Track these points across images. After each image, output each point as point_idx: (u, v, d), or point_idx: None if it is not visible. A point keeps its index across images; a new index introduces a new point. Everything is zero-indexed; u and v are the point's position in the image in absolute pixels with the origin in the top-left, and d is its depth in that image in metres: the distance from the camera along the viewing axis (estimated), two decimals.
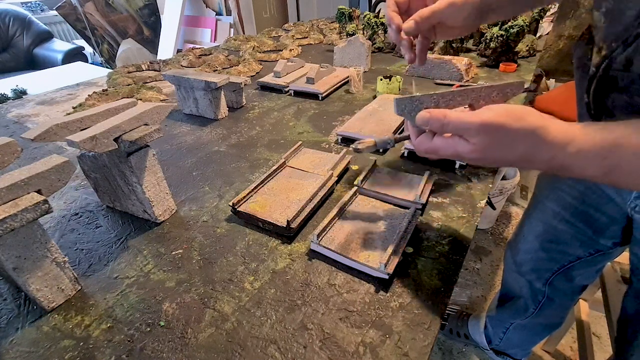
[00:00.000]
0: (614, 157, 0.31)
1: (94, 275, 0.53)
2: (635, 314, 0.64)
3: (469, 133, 0.35)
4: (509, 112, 0.33)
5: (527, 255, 0.85)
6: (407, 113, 0.39)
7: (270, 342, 0.42)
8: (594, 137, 0.32)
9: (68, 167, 0.45)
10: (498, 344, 1.12)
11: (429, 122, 0.37)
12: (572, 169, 0.33)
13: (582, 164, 0.33)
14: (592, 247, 0.72)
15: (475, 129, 0.34)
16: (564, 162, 0.33)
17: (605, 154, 0.31)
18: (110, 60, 3.54)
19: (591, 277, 0.82)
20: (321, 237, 0.54)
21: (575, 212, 0.71)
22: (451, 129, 0.36)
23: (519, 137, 0.33)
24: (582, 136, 0.32)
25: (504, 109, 0.34)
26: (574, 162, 0.33)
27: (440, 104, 0.38)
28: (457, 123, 0.35)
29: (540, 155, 0.34)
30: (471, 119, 0.34)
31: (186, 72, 1.02)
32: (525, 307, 0.92)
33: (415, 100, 0.38)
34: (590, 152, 0.32)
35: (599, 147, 0.31)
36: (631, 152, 0.30)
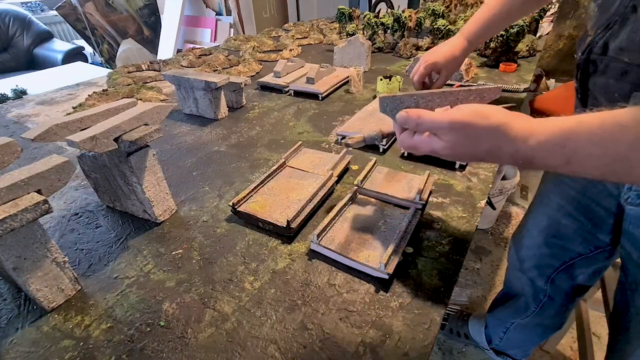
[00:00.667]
0: (570, 144, 0.32)
1: (94, 275, 0.53)
2: (623, 308, 0.65)
3: (440, 131, 0.38)
4: (475, 112, 0.36)
5: (530, 251, 0.85)
6: (390, 111, 0.42)
7: (270, 342, 0.42)
8: (551, 128, 0.34)
9: (68, 167, 0.45)
10: (498, 343, 1.12)
11: (406, 121, 0.40)
12: (534, 160, 0.35)
13: (543, 154, 0.34)
14: (592, 243, 0.73)
15: (446, 127, 0.37)
16: (526, 154, 0.35)
17: (563, 143, 0.33)
18: (110, 60, 3.54)
19: (591, 279, 0.82)
20: (321, 237, 0.54)
21: (578, 205, 0.72)
22: (424, 128, 0.39)
23: (484, 134, 0.36)
24: (540, 128, 0.34)
25: (470, 109, 0.37)
26: (536, 154, 0.34)
27: (420, 104, 0.41)
28: (429, 122, 0.38)
29: (505, 149, 0.36)
30: (441, 119, 0.37)
31: (186, 72, 1.02)
32: (526, 306, 0.92)
33: (397, 99, 0.41)
34: (549, 143, 0.33)
35: (557, 137, 0.33)
36: (585, 138, 0.32)
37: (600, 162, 0.32)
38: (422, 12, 1.54)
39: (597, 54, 0.47)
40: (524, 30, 1.25)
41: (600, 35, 0.47)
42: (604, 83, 0.48)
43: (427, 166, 0.74)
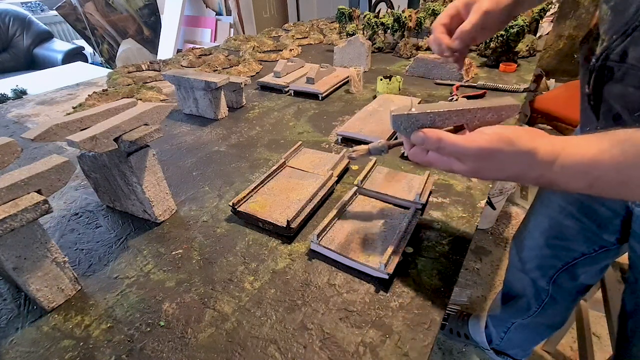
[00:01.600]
0: (594, 172, 0.33)
1: (94, 275, 0.53)
2: (634, 310, 0.65)
3: (464, 158, 0.36)
4: (501, 137, 0.35)
5: (532, 252, 0.85)
6: (403, 129, 0.40)
7: (270, 342, 0.42)
8: (575, 154, 0.34)
9: (68, 167, 0.45)
10: (499, 343, 1.12)
11: (425, 142, 0.38)
12: (557, 184, 0.35)
13: (567, 179, 0.35)
14: (597, 243, 0.72)
15: (472, 155, 0.36)
16: (550, 178, 0.35)
17: (587, 170, 0.33)
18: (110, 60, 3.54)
19: (595, 277, 0.82)
20: (321, 237, 0.54)
21: (580, 206, 0.71)
22: (447, 152, 0.37)
23: (511, 161, 0.35)
24: (565, 155, 0.34)
25: (495, 133, 0.35)
26: (559, 178, 0.35)
27: (436, 122, 0.39)
28: (452, 148, 0.36)
29: (530, 174, 0.36)
30: (466, 145, 0.36)
31: (186, 72, 1.02)
32: (528, 306, 0.92)
33: (412, 117, 0.39)
34: (573, 169, 0.34)
35: (580, 164, 0.33)
36: (608, 167, 0.32)
37: (623, 187, 0.33)
38: (422, 12, 1.54)
39: (614, 61, 0.45)
40: (524, 30, 1.25)
41: (617, 41, 0.44)
42: (621, 91, 0.46)
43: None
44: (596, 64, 0.47)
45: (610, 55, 0.45)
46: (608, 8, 0.46)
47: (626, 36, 0.43)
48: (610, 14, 0.46)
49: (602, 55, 0.46)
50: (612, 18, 0.45)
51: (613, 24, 0.45)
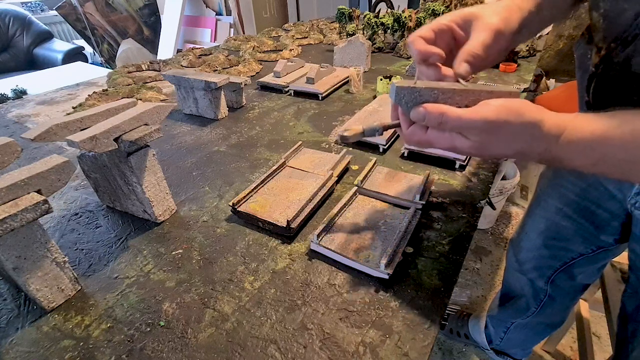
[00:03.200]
0: (601, 149, 0.32)
1: (94, 275, 0.53)
2: (635, 311, 0.65)
3: (469, 131, 0.34)
4: (509, 109, 0.33)
5: (529, 253, 0.85)
6: (405, 103, 0.38)
7: (270, 342, 0.42)
8: (583, 129, 0.33)
9: (68, 167, 0.45)
10: (498, 343, 1.12)
11: (426, 118, 0.36)
12: (562, 159, 0.34)
13: (572, 155, 0.34)
14: (594, 244, 0.72)
15: (478, 127, 0.34)
16: (555, 153, 0.34)
17: (594, 146, 0.32)
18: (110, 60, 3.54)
19: (593, 276, 0.82)
20: (321, 237, 0.54)
21: (577, 208, 0.71)
22: (449, 127, 0.35)
23: (518, 133, 0.34)
24: (572, 128, 0.33)
25: (503, 105, 0.33)
26: (565, 154, 0.34)
27: (439, 99, 0.37)
28: (455, 121, 0.34)
29: (536, 148, 0.34)
30: (472, 117, 0.33)
31: (186, 72, 1.02)
32: (527, 306, 0.92)
33: (415, 91, 0.37)
34: (580, 144, 0.33)
35: (588, 140, 0.32)
36: (617, 144, 0.31)
37: (627, 167, 0.32)
38: (422, 12, 1.54)
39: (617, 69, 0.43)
40: None
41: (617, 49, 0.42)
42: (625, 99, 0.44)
43: (427, 166, 0.74)
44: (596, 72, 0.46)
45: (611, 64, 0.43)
46: (599, 15, 0.44)
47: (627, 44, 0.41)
48: (602, 21, 0.43)
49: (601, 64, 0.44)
50: (606, 26, 0.43)
51: (609, 31, 0.43)
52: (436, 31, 0.43)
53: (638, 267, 0.62)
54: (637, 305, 0.64)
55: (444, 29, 0.43)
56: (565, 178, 0.73)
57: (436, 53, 0.41)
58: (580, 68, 0.54)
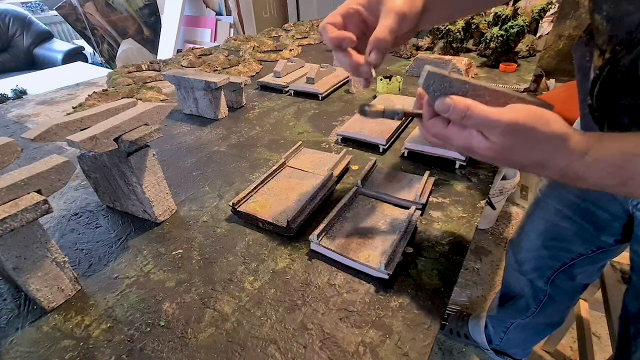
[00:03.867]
0: (630, 167, 0.31)
1: (94, 275, 0.53)
2: (637, 312, 0.64)
3: (491, 131, 0.33)
4: (538, 116, 0.32)
5: (529, 254, 0.85)
6: (432, 91, 0.36)
7: (270, 342, 0.42)
8: (610, 147, 0.32)
9: (68, 167, 0.45)
10: (498, 343, 1.12)
11: (450, 109, 0.34)
12: (586, 178, 0.33)
13: (599, 173, 0.32)
14: (594, 244, 0.72)
15: (502, 128, 0.32)
16: (579, 170, 0.33)
17: (622, 164, 0.31)
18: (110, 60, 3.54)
19: (592, 276, 0.82)
20: (321, 237, 0.54)
21: (577, 209, 0.71)
22: (473, 123, 0.34)
23: (542, 142, 0.32)
24: (598, 145, 0.32)
25: (531, 111, 0.32)
26: (590, 172, 0.32)
27: (468, 94, 0.36)
28: (481, 118, 0.33)
29: (557, 162, 0.33)
30: (498, 117, 0.32)
31: (186, 72, 1.02)
32: (527, 306, 0.92)
33: (446, 80, 0.35)
34: (607, 162, 0.31)
35: (616, 158, 0.31)
36: None
37: None
38: None
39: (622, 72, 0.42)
40: (524, 30, 1.25)
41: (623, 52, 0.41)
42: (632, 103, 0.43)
43: (427, 166, 0.74)
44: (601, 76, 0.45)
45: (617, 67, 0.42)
46: (602, 18, 0.43)
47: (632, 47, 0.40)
48: (606, 24, 0.43)
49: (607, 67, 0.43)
50: (609, 28, 0.42)
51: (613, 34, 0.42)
52: (344, 16, 0.43)
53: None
54: (639, 306, 0.64)
55: (352, 12, 0.43)
56: None
57: (347, 37, 0.41)
58: (579, 70, 0.53)
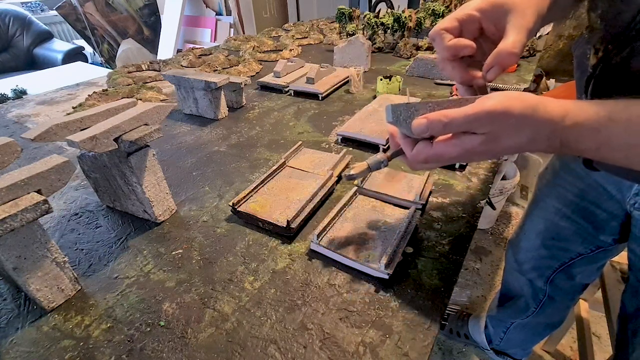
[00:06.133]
0: (605, 131, 0.31)
1: (94, 275, 0.53)
2: (635, 311, 0.65)
3: (477, 124, 0.33)
4: (509, 96, 0.32)
5: (528, 254, 0.85)
6: (403, 120, 0.37)
7: (270, 342, 0.42)
8: (587, 110, 0.32)
9: (68, 167, 0.45)
10: (498, 343, 1.12)
11: (429, 126, 0.34)
12: (569, 142, 0.33)
13: (577, 137, 0.33)
14: (593, 244, 0.72)
15: (484, 117, 0.32)
16: (562, 136, 0.33)
17: (599, 127, 0.31)
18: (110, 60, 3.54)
19: (592, 276, 0.82)
20: (321, 237, 0.54)
21: (576, 208, 0.71)
22: (456, 126, 0.34)
23: (523, 117, 0.32)
24: (576, 110, 0.32)
25: (503, 94, 0.33)
26: (571, 136, 0.33)
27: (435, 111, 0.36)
28: (462, 118, 0.33)
29: (543, 132, 0.33)
30: (478, 109, 0.32)
31: (186, 72, 1.02)
32: (526, 306, 0.92)
33: (411, 107, 0.36)
34: (585, 125, 0.32)
35: (593, 121, 0.32)
36: (622, 126, 0.31)
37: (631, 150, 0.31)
38: (422, 12, 1.54)
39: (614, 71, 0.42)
40: None
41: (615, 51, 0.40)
42: None
43: None
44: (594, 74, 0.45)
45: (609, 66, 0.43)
46: (597, 16, 0.43)
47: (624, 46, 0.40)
48: (600, 22, 0.42)
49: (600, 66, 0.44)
50: (603, 27, 0.42)
51: (607, 33, 0.42)
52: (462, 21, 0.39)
53: (638, 268, 0.63)
54: (637, 306, 0.64)
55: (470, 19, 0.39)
56: (563, 179, 0.73)
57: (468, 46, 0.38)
58: (578, 68, 0.53)
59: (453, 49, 0.38)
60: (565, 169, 0.73)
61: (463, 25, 0.40)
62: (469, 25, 0.40)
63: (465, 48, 0.38)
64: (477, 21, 0.39)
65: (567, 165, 0.73)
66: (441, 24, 0.40)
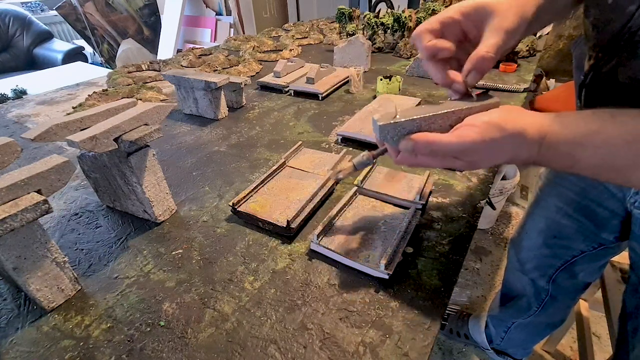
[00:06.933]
0: (576, 154, 0.34)
1: (94, 275, 0.53)
2: (635, 310, 0.65)
3: (459, 155, 0.36)
4: (492, 125, 0.35)
5: (530, 253, 0.85)
6: (390, 138, 0.39)
7: (270, 342, 0.42)
8: (560, 135, 0.34)
9: (68, 167, 0.45)
10: (499, 343, 1.12)
11: (415, 149, 0.37)
12: (542, 162, 0.36)
13: (552, 159, 0.36)
14: (595, 241, 0.73)
15: (467, 151, 0.35)
16: (537, 157, 0.36)
17: (571, 152, 0.34)
18: (110, 60, 3.54)
19: (594, 274, 0.82)
20: (321, 237, 0.54)
21: (577, 206, 0.71)
22: (440, 154, 0.37)
23: (503, 146, 0.35)
24: (551, 134, 0.35)
25: (485, 123, 0.35)
26: (545, 158, 0.36)
27: (422, 128, 0.38)
28: (446, 150, 0.36)
29: (521, 155, 0.36)
30: (460, 142, 0.35)
31: (186, 72, 1.02)
32: (528, 306, 0.92)
33: (398, 126, 0.38)
34: (558, 150, 0.35)
35: (566, 145, 0.34)
36: (591, 151, 0.33)
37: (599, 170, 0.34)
38: (422, 12, 1.54)
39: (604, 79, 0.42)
40: None
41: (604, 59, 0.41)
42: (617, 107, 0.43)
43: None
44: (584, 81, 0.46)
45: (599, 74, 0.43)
46: (589, 23, 0.43)
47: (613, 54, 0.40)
48: (592, 30, 0.43)
49: (590, 73, 0.44)
50: (595, 34, 0.42)
51: (597, 40, 0.42)
52: (444, 23, 0.40)
53: (638, 266, 0.63)
54: (637, 304, 0.64)
55: (451, 22, 0.40)
56: (564, 177, 0.73)
57: (446, 48, 0.39)
58: (577, 69, 0.54)
59: (431, 50, 0.40)
60: None
61: (445, 28, 0.40)
62: (450, 27, 0.40)
63: (443, 50, 0.39)
64: (458, 24, 0.40)
65: None
66: (423, 25, 0.41)
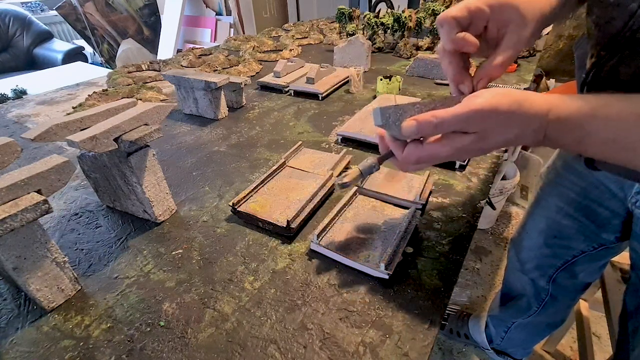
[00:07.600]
0: (587, 126, 0.32)
1: (94, 275, 0.53)
2: (635, 310, 0.65)
3: (467, 124, 0.34)
4: (495, 93, 0.34)
5: (530, 253, 0.85)
6: (392, 123, 0.37)
7: (270, 342, 0.42)
8: (570, 106, 0.33)
9: (68, 167, 0.45)
10: (499, 343, 1.12)
11: (419, 128, 0.35)
12: (551, 136, 0.34)
13: (560, 131, 0.34)
14: (596, 241, 0.73)
15: (474, 116, 0.33)
16: (546, 130, 0.34)
17: (581, 123, 0.33)
18: (110, 60, 3.54)
19: (594, 274, 0.82)
20: (321, 237, 0.54)
21: (578, 206, 0.71)
22: (446, 126, 0.34)
23: (512, 113, 0.33)
24: (560, 105, 0.33)
25: (489, 92, 0.34)
26: (554, 130, 0.34)
27: (423, 112, 0.37)
28: (452, 118, 0.34)
29: (530, 127, 0.34)
30: (466, 109, 0.33)
31: (186, 72, 1.02)
32: (528, 306, 0.92)
33: (399, 109, 0.37)
34: (567, 120, 0.33)
35: (575, 116, 0.33)
36: (601, 123, 0.32)
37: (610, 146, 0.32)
38: (422, 12, 1.54)
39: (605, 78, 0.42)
40: None
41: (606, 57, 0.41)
42: None
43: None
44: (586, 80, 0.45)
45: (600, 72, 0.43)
46: (591, 22, 0.43)
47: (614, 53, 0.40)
48: (594, 28, 0.43)
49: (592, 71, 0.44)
50: (596, 33, 0.42)
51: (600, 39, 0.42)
52: (472, 13, 0.38)
53: (639, 266, 0.63)
54: (638, 304, 0.64)
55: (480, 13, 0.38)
56: (565, 177, 0.73)
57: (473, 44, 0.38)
58: (579, 68, 0.54)
59: (458, 43, 0.38)
60: (567, 168, 0.73)
61: (473, 18, 0.38)
62: (477, 19, 0.39)
63: (470, 45, 0.38)
64: (486, 17, 0.39)
65: (569, 164, 0.73)
66: (451, 10, 0.38)
